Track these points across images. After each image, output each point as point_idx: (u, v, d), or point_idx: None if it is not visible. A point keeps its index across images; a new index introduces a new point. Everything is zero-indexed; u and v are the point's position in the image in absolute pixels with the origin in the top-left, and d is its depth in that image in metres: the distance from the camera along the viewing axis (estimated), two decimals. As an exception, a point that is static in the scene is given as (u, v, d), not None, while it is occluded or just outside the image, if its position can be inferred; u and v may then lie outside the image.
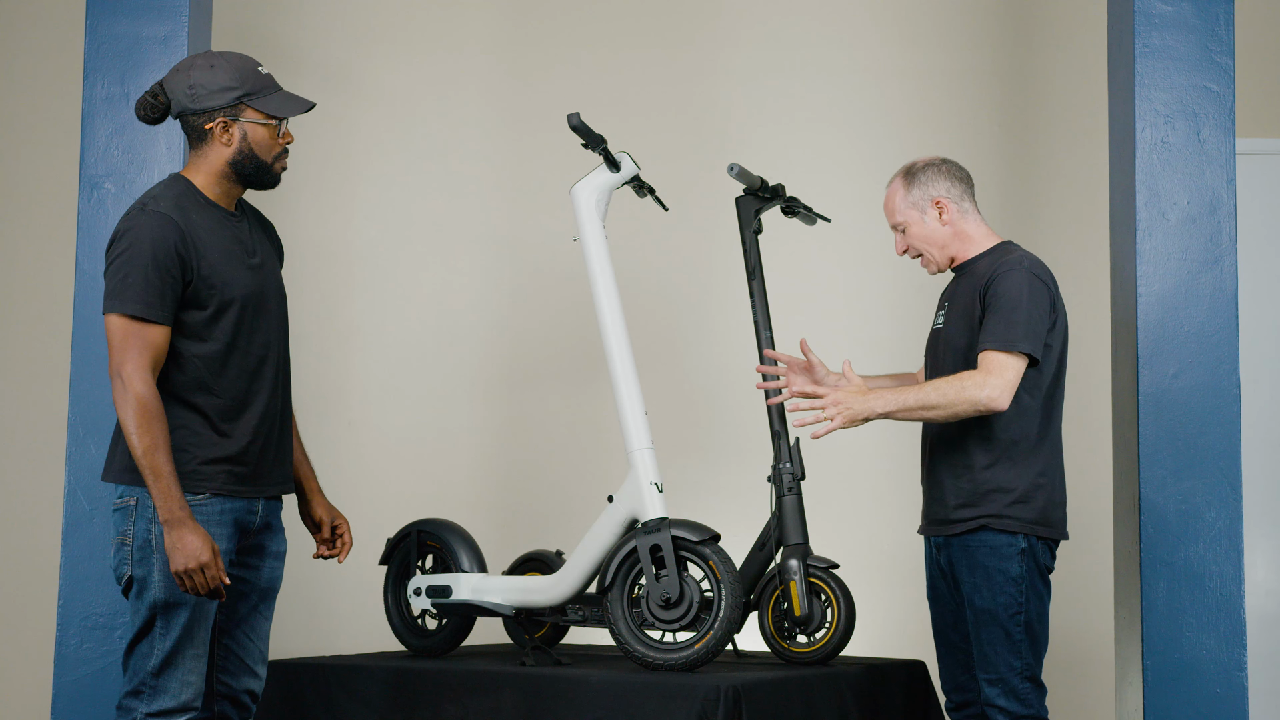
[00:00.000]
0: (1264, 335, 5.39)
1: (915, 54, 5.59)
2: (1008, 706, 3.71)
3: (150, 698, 3.25)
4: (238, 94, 3.34)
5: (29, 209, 5.54)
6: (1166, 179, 4.17)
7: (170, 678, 3.25)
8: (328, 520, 3.60)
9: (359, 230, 5.60)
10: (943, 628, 3.92)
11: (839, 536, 4.86)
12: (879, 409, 3.69)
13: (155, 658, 3.25)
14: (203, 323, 3.28)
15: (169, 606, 3.24)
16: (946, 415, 3.67)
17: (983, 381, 3.64)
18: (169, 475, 3.16)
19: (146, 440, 3.15)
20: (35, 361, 5.45)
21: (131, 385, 3.16)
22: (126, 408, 3.16)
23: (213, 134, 3.34)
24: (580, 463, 5.46)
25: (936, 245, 3.87)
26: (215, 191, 3.38)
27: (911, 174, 3.89)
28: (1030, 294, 3.69)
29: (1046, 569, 3.76)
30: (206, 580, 3.16)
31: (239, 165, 3.37)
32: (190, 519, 3.17)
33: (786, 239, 5.03)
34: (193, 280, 3.26)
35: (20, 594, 5.38)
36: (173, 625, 3.25)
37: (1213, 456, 4.08)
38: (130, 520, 3.25)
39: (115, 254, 3.24)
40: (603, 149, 4.04)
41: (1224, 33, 4.18)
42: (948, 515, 3.79)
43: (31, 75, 5.59)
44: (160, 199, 3.29)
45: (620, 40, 5.66)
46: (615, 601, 3.88)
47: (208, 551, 3.16)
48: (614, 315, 4.01)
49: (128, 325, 3.19)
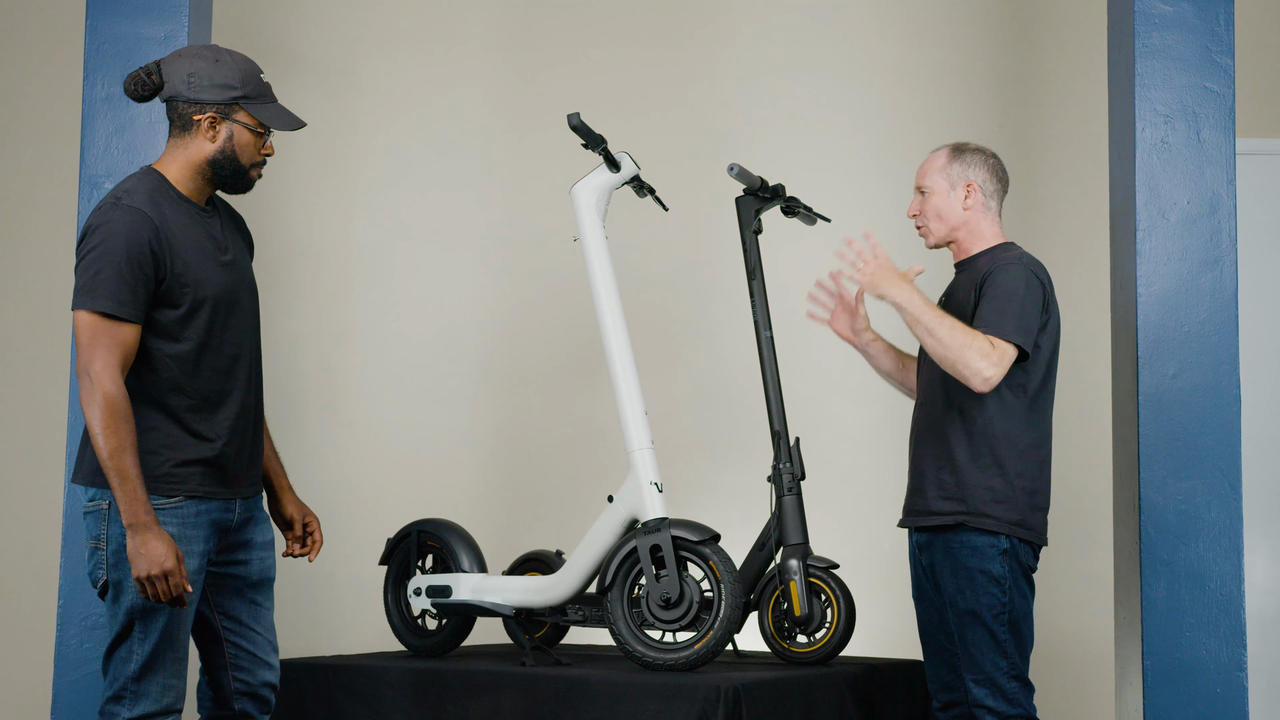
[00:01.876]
0: (1264, 335, 5.39)
1: (915, 53, 5.59)
2: (995, 706, 3.71)
3: (132, 702, 3.21)
4: (236, 94, 3.30)
5: (29, 209, 5.54)
6: (1166, 179, 4.17)
7: (151, 682, 3.21)
8: (299, 518, 3.54)
9: (359, 230, 5.60)
10: (928, 628, 3.92)
11: (839, 536, 4.86)
12: (899, 297, 3.72)
13: (135, 662, 3.20)
14: (175, 322, 3.22)
15: (147, 611, 3.18)
16: (939, 353, 3.67)
17: (986, 352, 3.64)
18: (135, 478, 3.08)
19: (113, 441, 3.07)
20: (35, 361, 5.45)
21: (100, 384, 3.08)
22: (93, 407, 3.08)
23: (199, 127, 3.29)
24: (580, 463, 5.46)
25: (945, 222, 3.89)
26: (188, 186, 3.32)
27: (960, 150, 3.92)
28: (1026, 289, 3.71)
29: (1030, 569, 3.76)
30: (169, 587, 3.10)
31: (217, 165, 3.32)
32: (155, 524, 3.10)
33: (786, 239, 5.03)
34: (166, 278, 3.19)
35: (20, 594, 5.38)
36: (151, 629, 3.20)
37: (1213, 456, 4.08)
38: (103, 524, 3.19)
39: (87, 249, 3.16)
40: (603, 149, 4.04)
41: (1224, 33, 4.18)
42: (927, 506, 3.79)
43: (31, 75, 5.59)
44: (133, 193, 3.22)
45: (620, 40, 5.66)
46: (615, 601, 3.88)
47: (171, 558, 3.09)
48: (614, 315, 4.02)
49: (97, 322, 3.11)
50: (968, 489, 3.72)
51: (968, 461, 3.74)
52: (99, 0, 4.20)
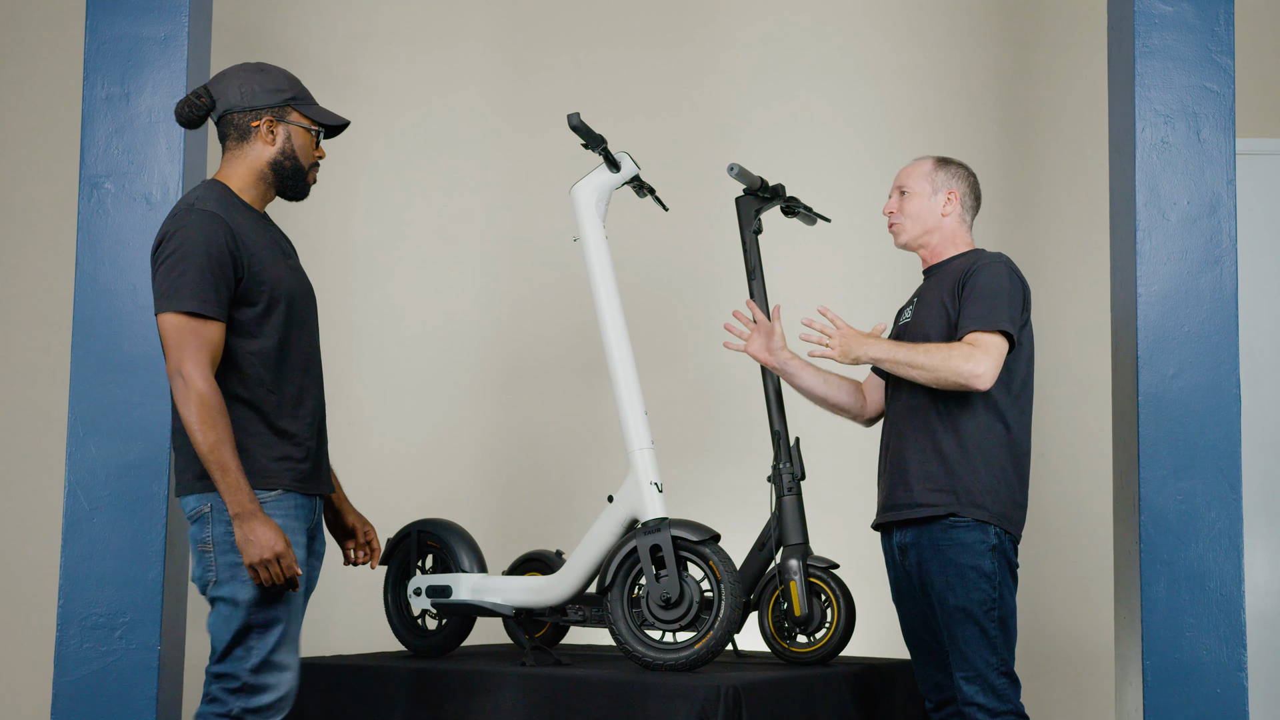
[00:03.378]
0: (1264, 335, 5.39)
1: (915, 54, 5.59)
2: (986, 703, 3.72)
3: (248, 695, 3.23)
4: (288, 95, 3.39)
5: (29, 209, 5.54)
6: (1166, 179, 4.17)
7: (269, 673, 3.24)
8: (360, 528, 3.63)
9: (359, 230, 5.60)
10: (913, 628, 3.92)
11: (839, 536, 4.86)
12: (873, 354, 3.82)
13: (255, 657, 3.22)
14: (254, 319, 3.27)
15: (263, 605, 3.21)
16: (930, 379, 3.72)
17: (969, 354, 3.69)
18: (236, 469, 3.12)
19: (212, 436, 3.11)
20: (35, 361, 5.45)
21: (193, 383, 3.12)
22: (189, 405, 3.12)
23: (258, 132, 3.36)
24: (580, 463, 5.46)
25: (922, 225, 3.96)
26: (251, 195, 3.39)
27: (946, 162, 4.02)
28: (1010, 284, 3.79)
29: (1014, 565, 3.79)
30: (282, 570, 3.15)
31: (279, 166, 3.39)
32: (260, 511, 3.14)
33: (786, 239, 5.03)
34: (244, 277, 3.25)
35: (20, 594, 5.38)
36: (271, 623, 3.23)
37: (1213, 456, 4.07)
38: (208, 527, 3.22)
39: (166, 253, 3.21)
40: (603, 149, 4.04)
41: (1224, 33, 4.18)
42: (913, 499, 3.79)
43: (31, 75, 5.59)
44: (205, 199, 3.28)
45: (620, 40, 5.66)
46: (615, 601, 3.88)
47: (281, 541, 3.14)
48: (614, 315, 4.01)
49: (184, 323, 3.16)
50: (958, 480, 3.74)
51: (957, 454, 3.75)
52: (99, 0, 4.20)
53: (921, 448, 3.80)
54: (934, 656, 3.89)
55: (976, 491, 3.73)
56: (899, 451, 3.86)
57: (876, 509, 3.95)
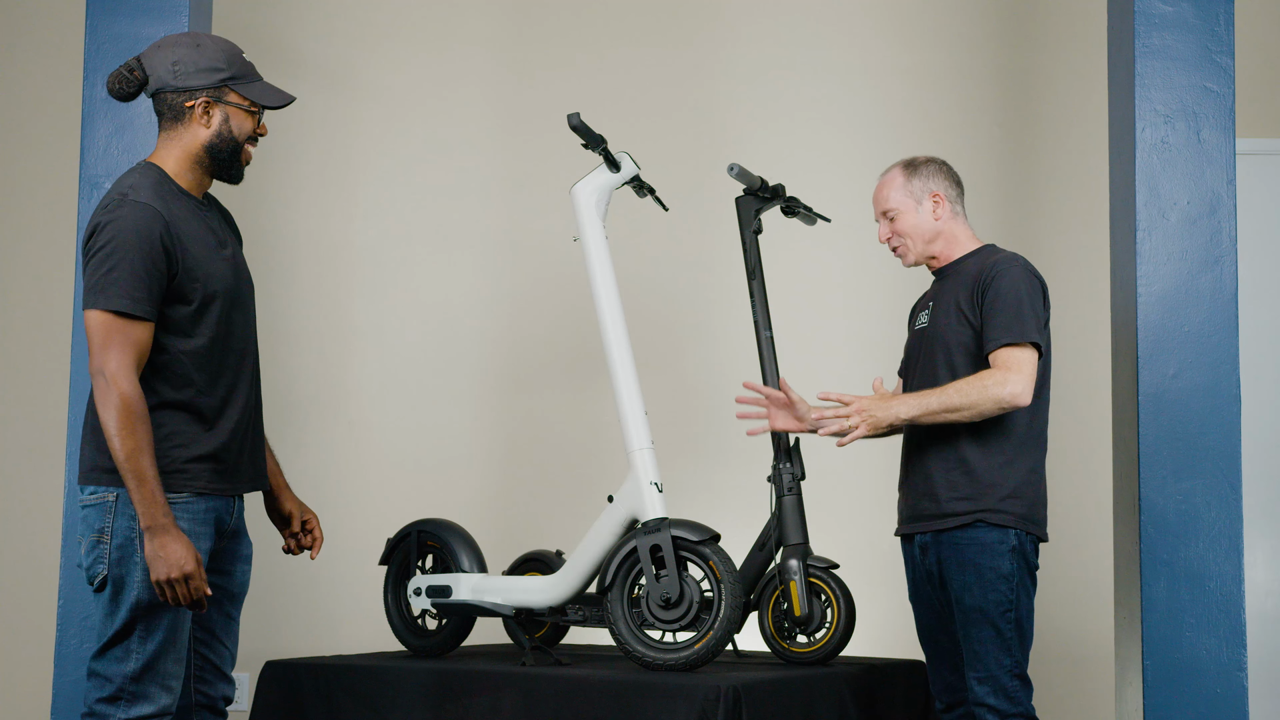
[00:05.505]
0: (1264, 335, 5.39)
1: (915, 54, 5.59)
2: (997, 705, 3.71)
3: (129, 703, 3.11)
4: (224, 75, 3.24)
5: (29, 209, 5.54)
6: (1166, 179, 4.17)
7: (150, 682, 3.12)
8: (297, 514, 3.49)
9: (359, 230, 5.60)
10: (930, 630, 3.90)
11: (839, 536, 4.86)
12: (903, 414, 3.70)
13: (134, 661, 3.11)
14: (187, 317, 3.16)
15: (152, 608, 3.10)
16: (971, 415, 3.67)
17: (1004, 379, 3.65)
18: (153, 479, 3.01)
19: (130, 443, 3.01)
20: (35, 361, 5.45)
21: (116, 384, 3.02)
22: (109, 408, 3.01)
23: (192, 113, 3.23)
24: (580, 463, 5.46)
25: (921, 238, 3.90)
26: (187, 179, 3.25)
27: (913, 166, 3.93)
28: (1029, 288, 3.74)
29: (1034, 566, 3.77)
30: (189, 590, 3.04)
31: (215, 149, 3.25)
32: (174, 526, 3.03)
33: (786, 239, 5.03)
34: (178, 273, 3.14)
35: (20, 594, 5.38)
36: (155, 628, 3.11)
37: (1213, 456, 4.07)
38: (108, 517, 3.11)
39: (96, 246, 3.09)
40: (603, 149, 4.04)
41: (1224, 33, 4.18)
42: (939, 510, 3.77)
43: (31, 75, 5.59)
44: (139, 189, 3.14)
45: (620, 40, 5.66)
46: (615, 601, 3.88)
47: (191, 561, 3.02)
48: (614, 315, 4.01)
49: (111, 321, 3.04)
50: (982, 486, 3.72)
51: (979, 459, 3.73)
52: (99, 0, 4.20)
53: (944, 457, 3.77)
54: (948, 659, 3.88)
55: (1002, 496, 3.71)
56: (921, 461, 3.83)
57: (899, 518, 3.92)
